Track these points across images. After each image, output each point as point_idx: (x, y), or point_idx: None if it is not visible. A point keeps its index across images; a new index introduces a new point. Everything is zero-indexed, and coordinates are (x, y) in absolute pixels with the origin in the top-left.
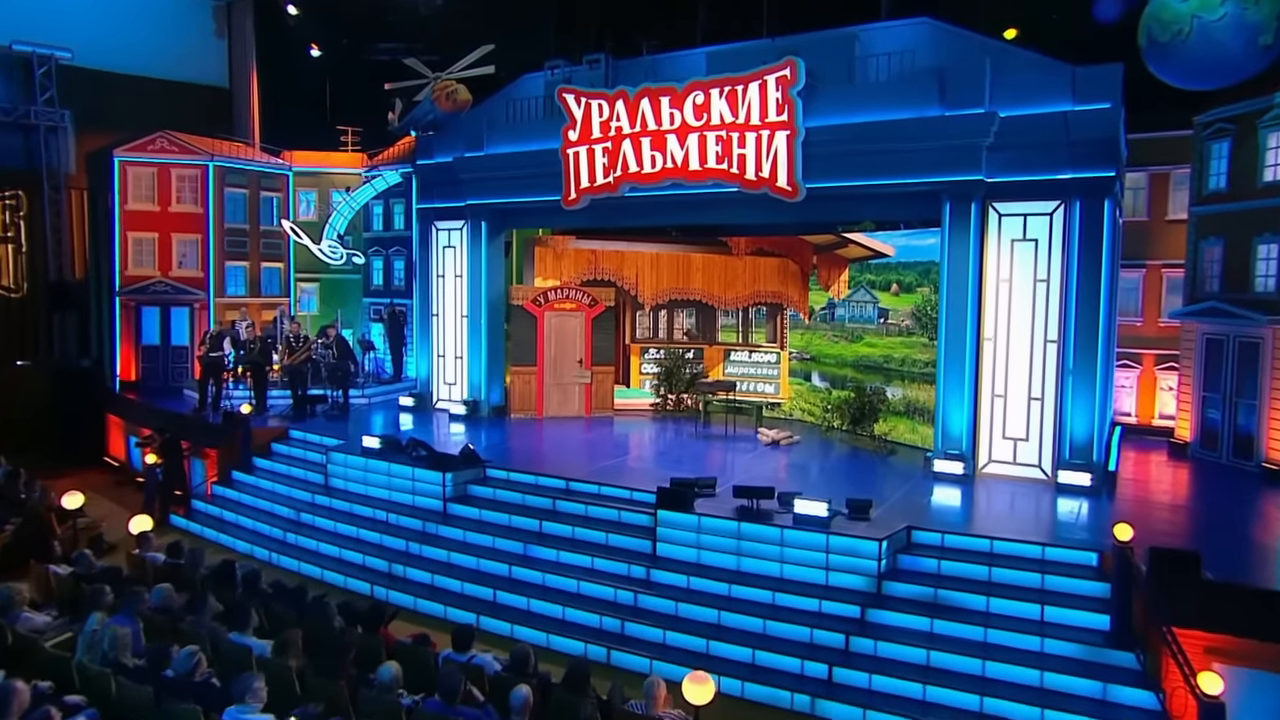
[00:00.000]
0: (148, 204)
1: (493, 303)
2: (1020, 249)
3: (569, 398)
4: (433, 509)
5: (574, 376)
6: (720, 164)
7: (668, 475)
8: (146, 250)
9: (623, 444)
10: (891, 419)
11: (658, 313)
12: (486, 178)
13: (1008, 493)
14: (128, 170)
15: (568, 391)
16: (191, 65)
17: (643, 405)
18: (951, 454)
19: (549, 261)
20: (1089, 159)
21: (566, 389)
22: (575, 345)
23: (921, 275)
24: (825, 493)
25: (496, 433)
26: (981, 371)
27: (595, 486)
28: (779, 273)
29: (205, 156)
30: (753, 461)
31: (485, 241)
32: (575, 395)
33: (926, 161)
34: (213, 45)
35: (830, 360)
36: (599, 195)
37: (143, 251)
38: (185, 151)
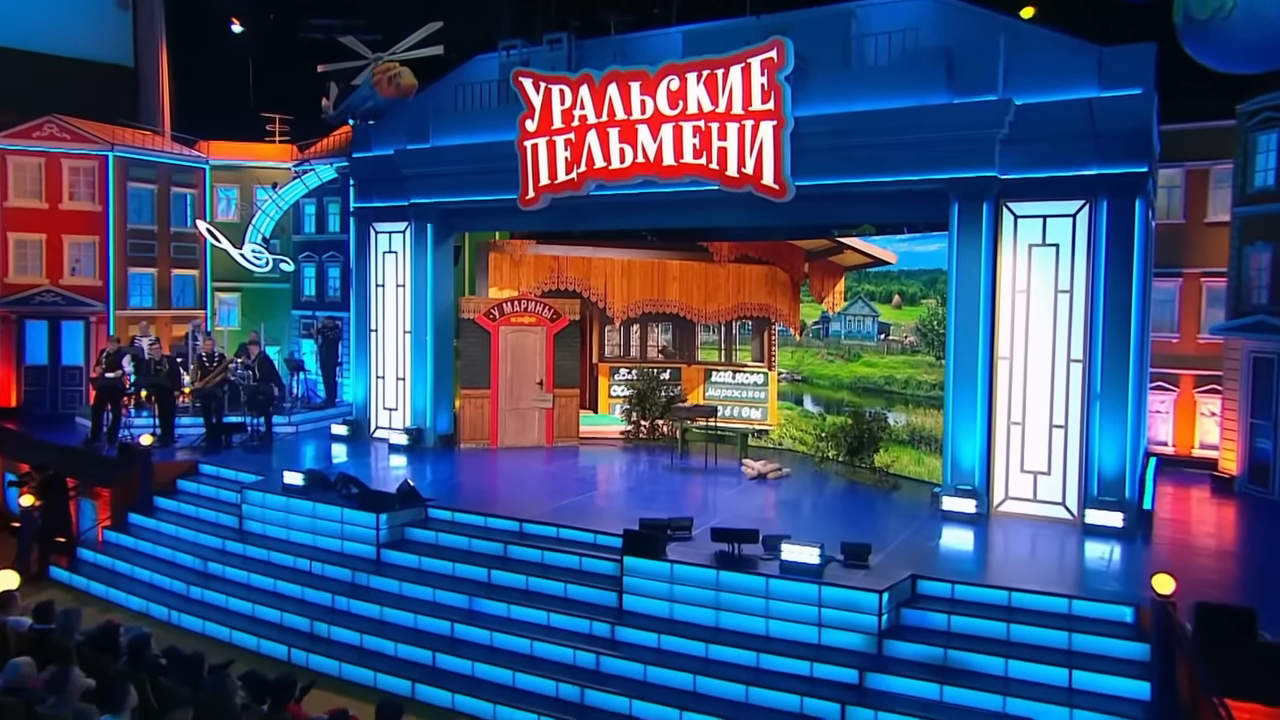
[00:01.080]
0: (33, 200)
1: (440, 316)
2: (1039, 255)
3: (527, 425)
4: (364, 556)
5: (533, 401)
6: (698, 159)
7: (638, 515)
8: (32, 254)
9: (588, 478)
10: (894, 449)
11: (629, 328)
12: (433, 173)
13: (1027, 535)
14: (8, 160)
15: (526, 418)
16: (88, 40)
17: (612, 433)
18: (962, 490)
19: (505, 269)
20: (1117, 152)
21: (525, 415)
22: (535, 365)
23: (927, 285)
24: (817, 535)
25: (443, 466)
26: (996, 395)
27: (554, 529)
28: (766, 282)
29: (104, 146)
30: (736, 498)
31: (431, 246)
32: (535, 422)
33: (932, 156)
34: (114, 17)
35: (824, 382)
36: (561, 194)
37: (27, 256)
38: (80, 139)
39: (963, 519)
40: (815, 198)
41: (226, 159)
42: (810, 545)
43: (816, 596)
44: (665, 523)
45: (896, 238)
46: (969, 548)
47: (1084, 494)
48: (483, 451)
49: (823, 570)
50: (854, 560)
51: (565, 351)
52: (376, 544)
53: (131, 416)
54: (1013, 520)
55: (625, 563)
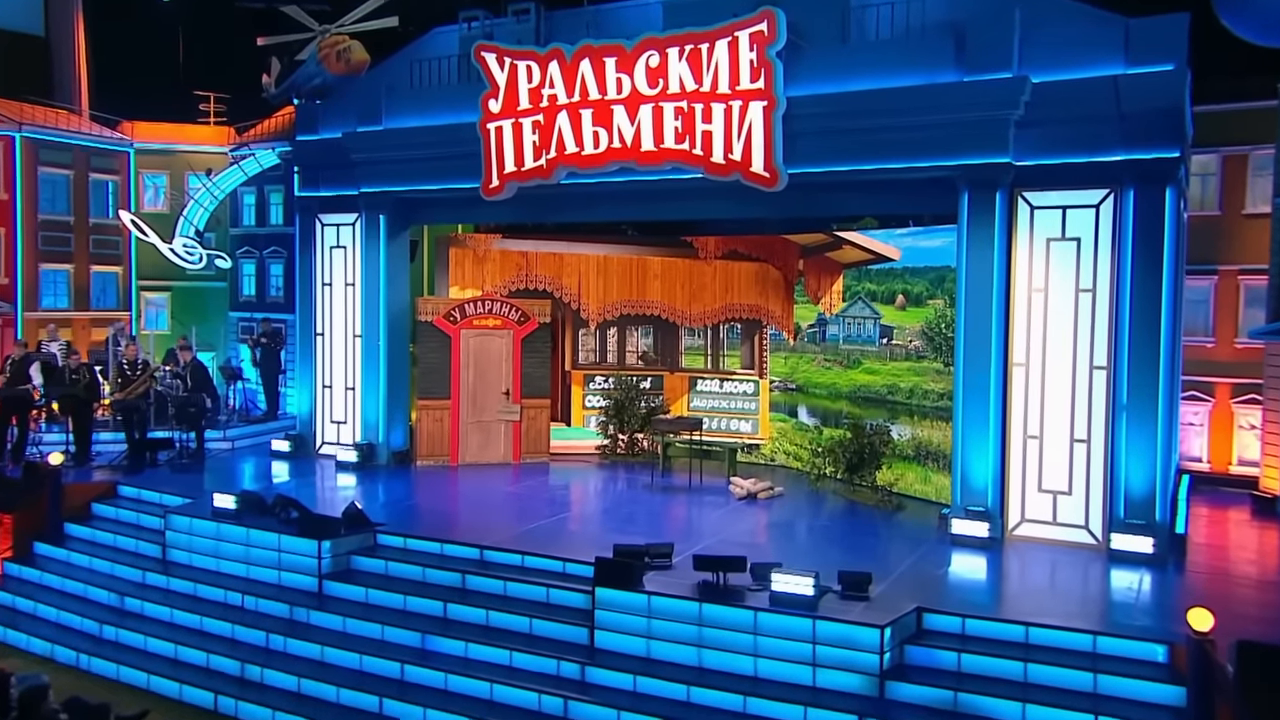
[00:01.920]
0: None
1: (395, 319)
2: (1058, 251)
3: (492, 440)
4: (304, 589)
5: (499, 413)
6: (680, 143)
7: (613, 541)
8: None
9: (558, 499)
10: (898, 465)
11: (606, 331)
12: (386, 159)
13: (1046, 562)
14: None
15: (490, 432)
16: None
17: (586, 448)
18: (974, 511)
19: (467, 266)
20: (1145, 136)
21: (489, 429)
22: (501, 372)
23: (934, 284)
24: (812, 563)
25: (396, 486)
26: (1010, 406)
27: (518, 556)
28: (757, 281)
29: (10, 125)
30: (722, 521)
31: (385, 240)
32: (500, 436)
33: (939, 140)
34: None
35: (821, 391)
36: (528, 182)
37: None
38: None
39: (974, 544)
40: (810, 187)
41: (153, 142)
42: (804, 574)
43: (811, 632)
44: (643, 549)
45: (900, 231)
46: (981, 577)
47: (1109, 516)
48: (442, 469)
49: (817, 602)
50: (852, 591)
51: (534, 358)
52: (318, 575)
53: (41, 432)
54: (1030, 546)
55: (597, 594)
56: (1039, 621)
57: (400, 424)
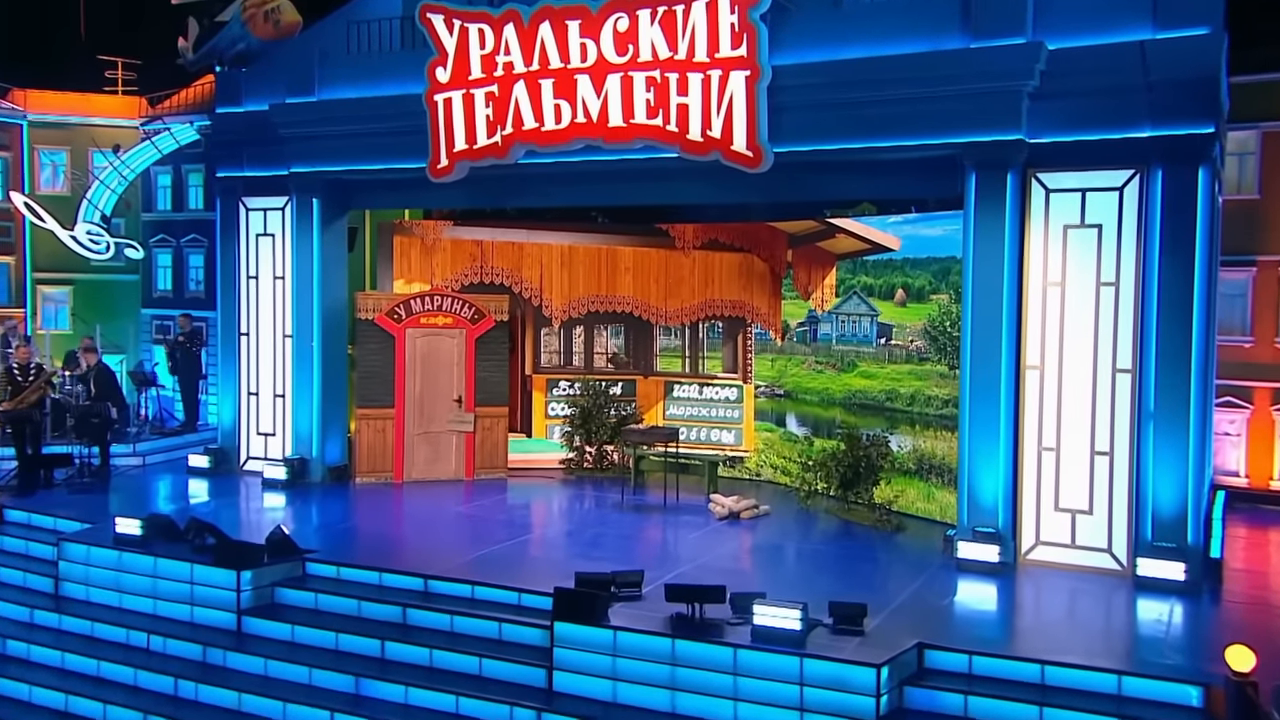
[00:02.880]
0: None
1: (330, 316)
2: (1077, 239)
3: (441, 453)
4: (220, 627)
5: (449, 423)
6: (652, 118)
7: (576, 568)
8: None
9: (516, 520)
10: (898, 481)
11: (571, 330)
12: (320, 134)
13: (1064, 591)
14: None
15: (440, 444)
16: None
17: (549, 462)
18: (982, 533)
19: (414, 257)
20: (1176, 109)
21: (438, 441)
22: (452, 377)
23: (937, 277)
24: (800, 592)
25: (331, 506)
26: (1023, 414)
27: (468, 587)
28: (740, 274)
29: None
30: (700, 544)
31: (318, 227)
32: (451, 450)
33: (944, 115)
34: None
35: (812, 397)
36: (482, 162)
37: None
38: None
39: (983, 570)
40: (799, 168)
41: (51, 113)
42: (790, 606)
43: (798, 672)
44: (609, 578)
45: (901, 218)
46: (991, 607)
47: (1135, 538)
48: (384, 487)
49: (805, 638)
50: (845, 625)
51: (490, 361)
52: (237, 610)
53: None
54: (1045, 572)
55: (556, 630)
56: (1056, 659)
57: (337, 436)
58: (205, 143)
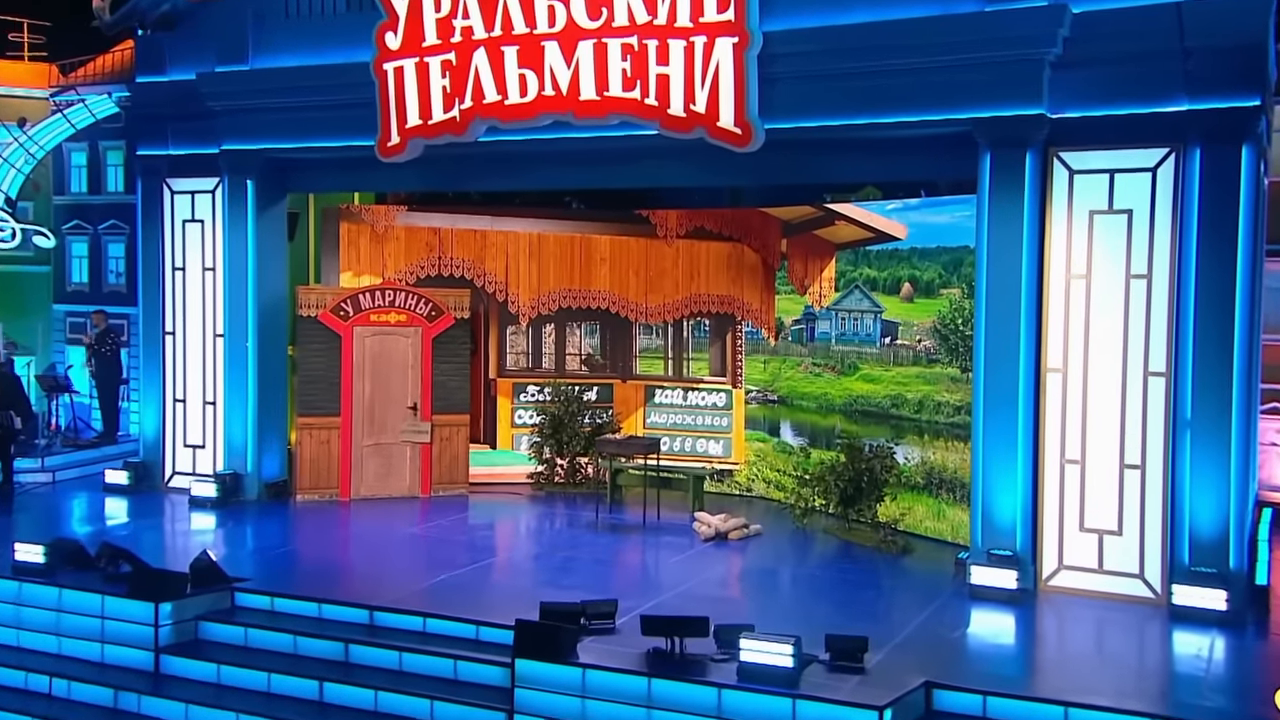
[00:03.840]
0: None
1: (268, 313)
2: (1105, 226)
3: (394, 467)
4: (135, 667)
5: (403, 433)
6: (629, 91)
7: (542, 597)
8: None
9: (476, 542)
10: (904, 497)
11: (540, 329)
12: (255, 107)
13: (1090, 622)
14: None
15: (392, 457)
16: None
17: (515, 476)
18: (999, 556)
19: (364, 247)
20: (1217, 80)
21: (390, 454)
22: (406, 382)
23: (948, 269)
24: (794, 624)
25: (267, 528)
26: (1044, 423)
27: (419, 620)
28: (729, 266)
29: None
30: (683, 569)
31: (254, 213)
32: (405, 463)
33: (956, 86)
34: None
35: (809, 403)
36: (438, 139)
37: None
38: None
39: (999, 598)
40: (794, 147)
41: None
42: (782, 640)
43: (790, 715)
44: (578, 608)
45: (908, 204)
46: (1008, 641)
47: (1170, 562)
48: (328, 506)
49: (799, 676)
50: (844, 661)
51: (450, 363)
52: (154, 648)
53: None
54: (1069, 600)
55: (518, 668)
56: (1082, 700)
57: (275, 448)
58: (125, 117)
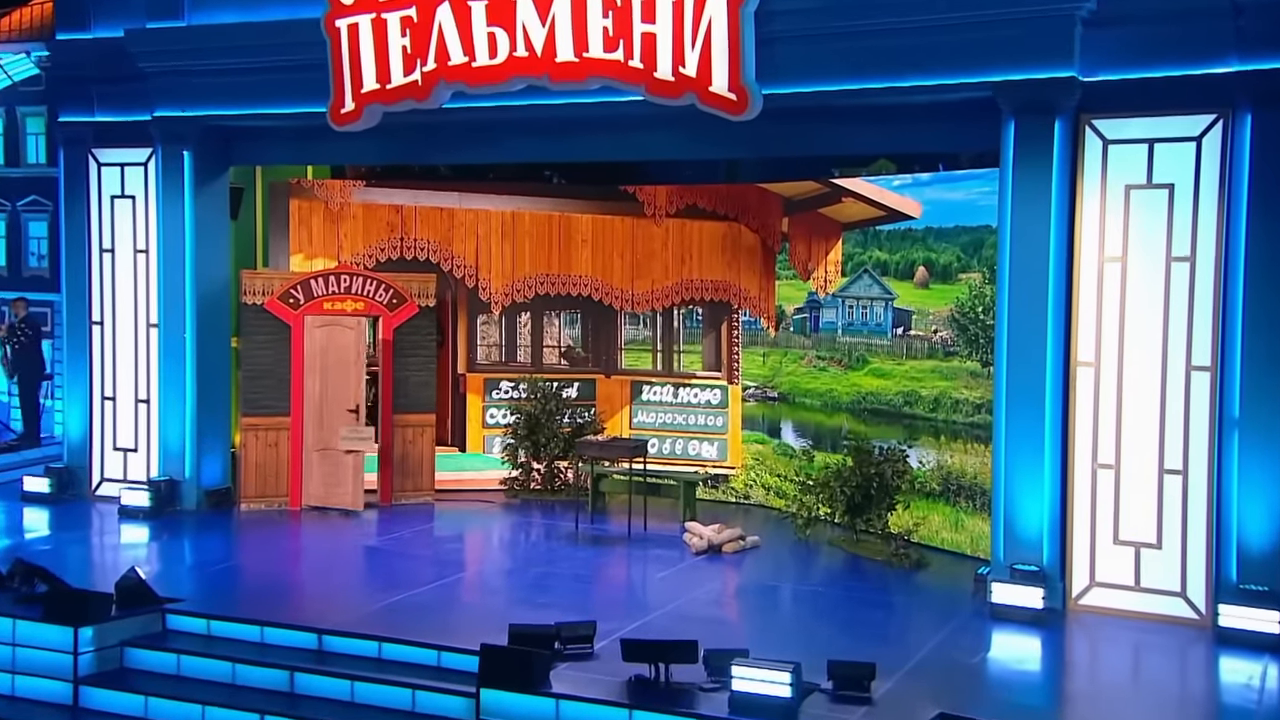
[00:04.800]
0: None
1: (208, 301)
2: (1143, 203)
3: (349, 473)
4: (51, 700)
5: (343, 440)
6: (611, 52)
7: (513, 618)
8: None
9: (441, 556)
10: (918, 505)
11: (515, 318)
12: (192, 70)
13: (1126, 646)
14: None
15: (346, 462)
16: None
17: (487, 482)
18: (1023, 572)
19: (317, 227)
20: (1272, 37)
21: (343, 458)
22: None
23: (968, 252)
24: (794, 648)
25: (207, 541)
26: (1074, 423)
27: (374, 645)
28: (724, 248)
29: None
30: (671, 586)
31: (191, 188)
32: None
33: (977, 47)
34: None
35: (813, 401)
36: (397, 106)
37: None
38: None
39: (1024, 618)
40: (795, 115)
41: None
42: (779, 666)
43: None
44: (552, 631)
45: (924, 178)
46: (1033, 667)
47: (1215, 579)
48: (276, 516)
49: (798, 707)
50: (849, 689)
51: (413, 357)
52: (73, 678)
53: None
54: (1102, 621)
55: (483, 699)
56: None
57: (217, 452)
58: (45, 79)
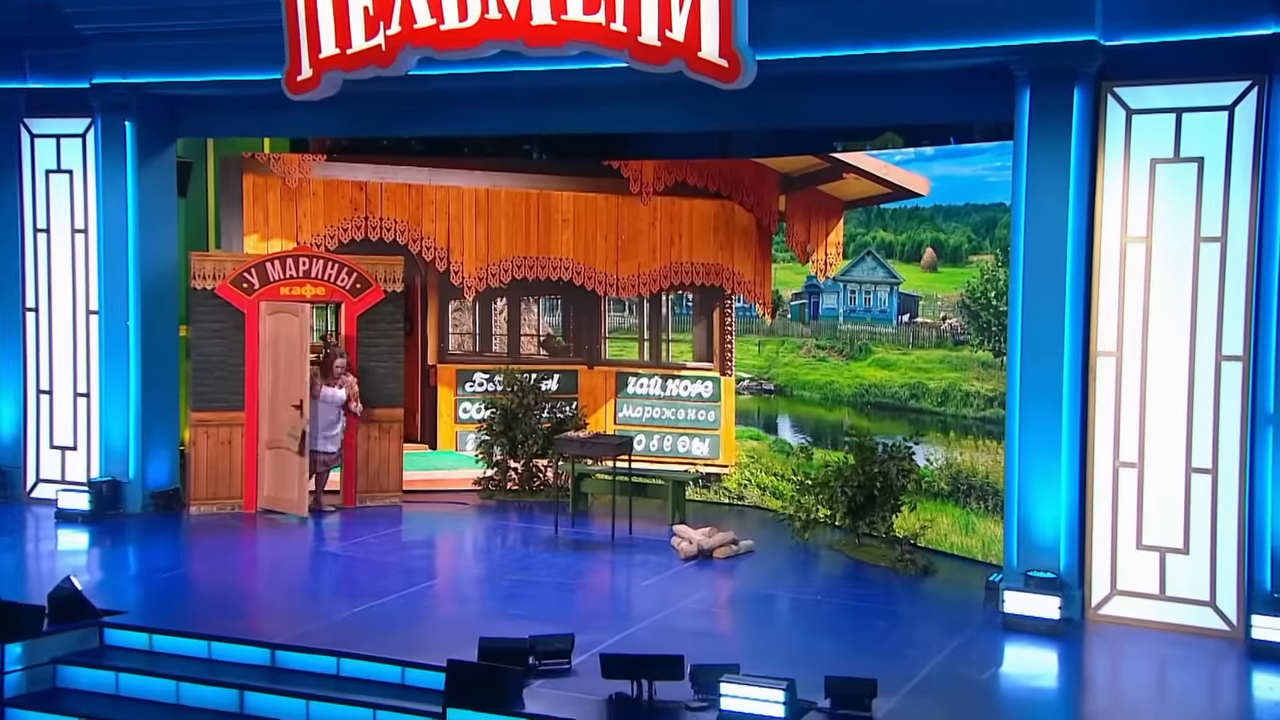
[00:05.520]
0: None
1: (154, 285)
2: (1170, 178)
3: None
4: None
5: (286, 437)
6: (592, 14)
7: (485, 630)
8: None
9: (408, 564)
10: (926, 507)
11: (490, 304)
12: (135, 32)
13: (1150, 660)
14: None
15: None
16: None
17: (460, 483)
18: (1038, 579)
19: (273, 205)
20: None
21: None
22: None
23: (979, 232)
24: (789, 662)
25: (152, 549)
26: (1094, 417)
27: (331, 660)
28: (716, 228)
29: None
30: (658, 595)
31: (134, 161)
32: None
33: (988, 8)
34: None
35: (812, 394)
36: (359, 73)
37: None
38: None
39: (1039, 630)
40: (792, 84)
41: None
42: (772, 683)
43: None
44: (525, 645)
45: (930, 152)
46: (1049, 683)
47: (1248, 587)
48: (229, 520)
49: None
50: (848, 708)
51: (378, 346)
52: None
53: None
54: (1124, 633)
55: (450, 718)
56: None
57: (163, 450)
58: None
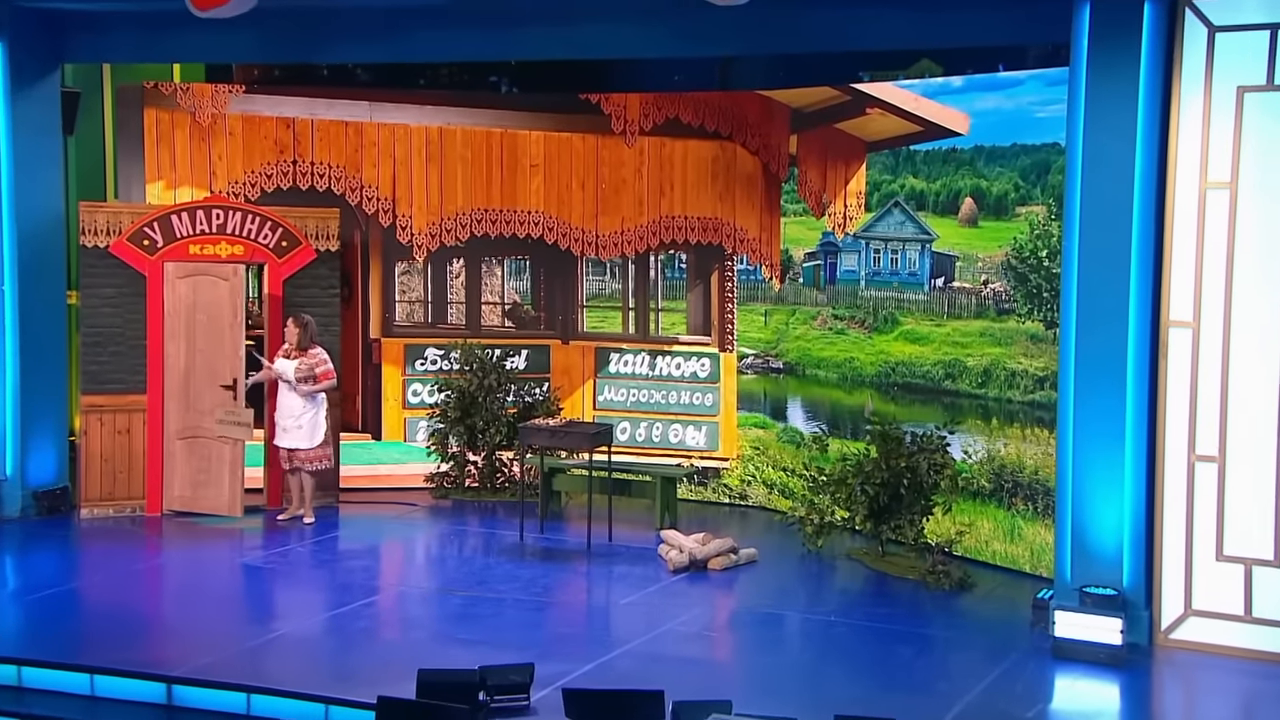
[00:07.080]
0: None
1: (34, 242)
2: (1262, 110)
3: (225, 469)
4: None
5: (218, 423)
6: None
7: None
8: None
9: (342, 578)
10: (962, 508)
11: (444, 266)
12: None
13: (1232, 695)
14: None
15: (211, 457)
16: None
17: (410, 479)
18: (1097, 596)
19: (182, 145)
20: None
21: (211, 451)
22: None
23: (1029, 179)
24: (794, 696)
25: (31, 562)
26: (1164, 402)
27: (240, 697)
28: (715, 175)
29: None
30: (639, 616)
31: (7, 91)
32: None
33: None
34: None
35: (828, 374)
36: None
37: None
38: None
39: (1097, 658)
40: (807, 0)
41: None
42: None
43: None
44: (474, 678)
45: (973, 83)
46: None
47: None
48: (127, 525)
49: None
50: None
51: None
52: None
53: None
54: (1200, 661)
55: None
56: None
57: (48, 441)
58: None
